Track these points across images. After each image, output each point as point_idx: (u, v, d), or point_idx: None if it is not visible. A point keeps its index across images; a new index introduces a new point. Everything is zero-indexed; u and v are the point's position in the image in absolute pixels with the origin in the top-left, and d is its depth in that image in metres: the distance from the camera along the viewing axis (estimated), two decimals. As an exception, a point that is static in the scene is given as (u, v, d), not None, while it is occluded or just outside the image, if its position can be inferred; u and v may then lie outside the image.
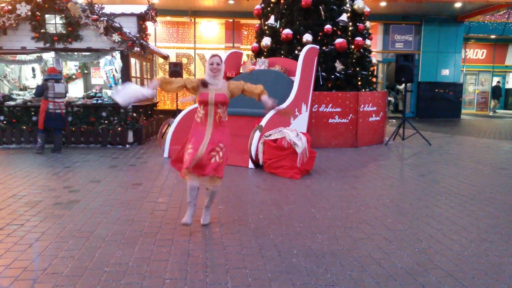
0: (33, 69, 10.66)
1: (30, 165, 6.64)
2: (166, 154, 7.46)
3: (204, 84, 3.73)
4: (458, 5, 14.39)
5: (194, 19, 15.57)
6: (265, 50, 9.33)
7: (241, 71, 8.96)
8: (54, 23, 8.56)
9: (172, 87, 3.76)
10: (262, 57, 9.24)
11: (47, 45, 8.55)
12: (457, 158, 7.71)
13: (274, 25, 9.31)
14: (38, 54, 8.87)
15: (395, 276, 2.91)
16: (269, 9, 9.66)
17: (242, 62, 9.32)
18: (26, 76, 10.43)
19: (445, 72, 17.00)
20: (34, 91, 8.11)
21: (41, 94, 7.61)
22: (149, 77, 11.39)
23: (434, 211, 4.42)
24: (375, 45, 16.10)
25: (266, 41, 9.24)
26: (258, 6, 9.95)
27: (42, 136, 7.72)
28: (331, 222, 4.05)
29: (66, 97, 8.35)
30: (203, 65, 15.76)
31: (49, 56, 9.28)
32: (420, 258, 3.22)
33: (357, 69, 9.14)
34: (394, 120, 14.76)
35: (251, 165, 6.60)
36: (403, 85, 11.94)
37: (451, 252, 3.33)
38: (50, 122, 7.65)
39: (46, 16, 8.53)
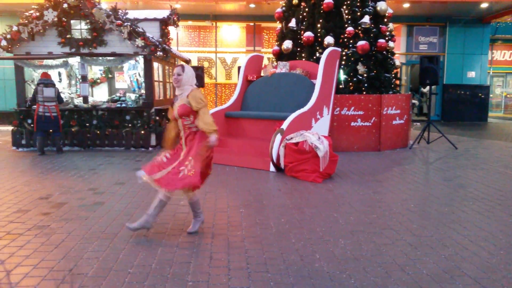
0: (59, 74, 10.92)
1: (56, 167, 6.80)
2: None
3: (175, 99, 3.69)
4: (484, 5, 14.04)
5: (216, 23, 15.69)
6: (286, 53, 9.32)
7: (262, 74, 8.97)
8: (80, 28, 8.76)
9: (170, 131, 3.81)
10: (283, 60, 9.23)
11: (73, 50, 8.75)
12: (484, 162, 7.50)
13: (295, 28, 9.29)
14: (64, 59, 9.09)
15: (421, 282, 2.84)
16: (290, 12, 9.65)
17: (263, 66, 9.32)
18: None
19: (471, 74, 16.60)
20: None
21: (34, 99, 8.13)
22: (171, 81, 11.50)
23: (461, 217, 4.31)
24: (399, 47, 15.87)
25: (287, 44, 9.23)
26: (279, 10, 9.94)
27: (38, 139, 8.10)
28: (354, 227, 3.99)
29: (64, 101, 8.85)
30: (224, 68, 15.85)
31: (74, 61, 9.50)
32: (447, 264, 3.14)
33: (380, 71, 9.02)
34: (419, 123, 14.49)
35: (272, 168, 6.58)
36: (428, 87, 11.72)
37: (479, 259, 3.24)
38: (40, 124, 8.03)
39: (72, 21, 8.73)
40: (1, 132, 11.04)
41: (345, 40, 8.87)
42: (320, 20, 8.97)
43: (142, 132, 8.75)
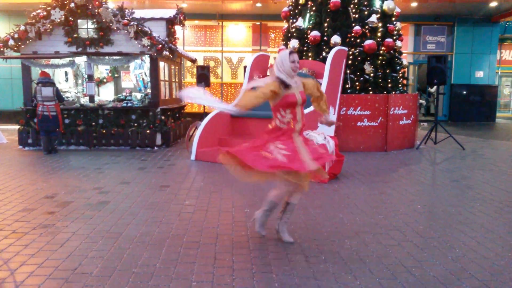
0: (66, 73, 10.98)
1: (62, 167, 6.82)
2: (193, 157, 7.51)
3: (285, 84, 3.31)
4: (493, 4, 13.90)
5: (222, 23, 15.68)
6: (293, 52, 9.27)
7: (268, 74, 8.94)
8: (86, 28, 8.79)
9: (251, 102, 3.36)
10: (290, 60, 9.18)
11: (80, 49, 8.78)
12: (492, 163, 7.42)
13: (301, 27, 9.26)
14: (71, 58, 9.12)
15: (427, 284, 2.81)
16: (296, 11, 9.62)
17: (269, 65, 9.30)
18: (59, 80, 10.74)
19: (479, 74, 16.46)
20: None
21: (35, 97, 8.17)
22: (177, 80, 11.53)
23: (468, 218, 4.26)
24: (406, 47, 15.76)
25: (294, 43, 9.19)
26: (285, 9, 9.91)
27: (42, 138, 8.10)
28: (359, 227, 3.96)
29: (67, 100, 9.02)
30: (230, 68, 15.84)
31: (81, 60, 9.53)
32: (453, 266, 3.10)
33: (387, 71, 8.95)
34: (426, 124, 14.38)
35: (278, 168, 6.54)
36: (435, 87, 11.64)
37: (486, 261, 3.19)
38: (40, 124, 8.04)
39: (79, 21, 8.77)
40: (8, 131, 11.12)
41: (352, 39, 8.82)
42: (327, 19, 8.92)
43: (148, 131, 8.76)
